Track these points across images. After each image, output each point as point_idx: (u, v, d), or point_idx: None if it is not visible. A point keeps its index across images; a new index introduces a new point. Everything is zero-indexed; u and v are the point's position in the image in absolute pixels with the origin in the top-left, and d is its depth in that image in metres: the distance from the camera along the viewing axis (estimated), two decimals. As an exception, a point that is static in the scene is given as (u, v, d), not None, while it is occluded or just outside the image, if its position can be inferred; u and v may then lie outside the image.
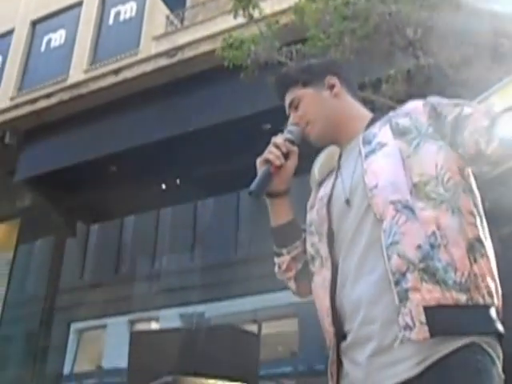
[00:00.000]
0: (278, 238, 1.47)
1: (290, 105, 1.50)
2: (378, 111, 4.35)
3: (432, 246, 1.18)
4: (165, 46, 7.43)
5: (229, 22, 5.84)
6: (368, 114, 1.49)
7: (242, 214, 8.14)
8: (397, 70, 4.61)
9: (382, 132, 1.35)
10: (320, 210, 1.40)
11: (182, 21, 8.02)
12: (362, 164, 1.32)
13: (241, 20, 5.31)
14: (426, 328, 1.13)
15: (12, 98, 9.38)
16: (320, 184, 1.51)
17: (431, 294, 1.15)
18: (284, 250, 1.46)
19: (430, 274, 1.16)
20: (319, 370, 6.53)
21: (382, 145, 1.32)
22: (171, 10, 8.03)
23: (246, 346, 4.82)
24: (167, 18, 8.14)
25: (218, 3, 7.28)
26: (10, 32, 10.17)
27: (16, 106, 8.71)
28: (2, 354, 8.51)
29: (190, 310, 7.79)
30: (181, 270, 8.02)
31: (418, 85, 4.55)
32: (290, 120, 1.49)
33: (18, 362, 8.41)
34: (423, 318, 1.13)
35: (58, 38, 9.73)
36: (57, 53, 9.58)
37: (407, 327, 1.14)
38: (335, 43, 4.70)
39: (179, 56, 6.91)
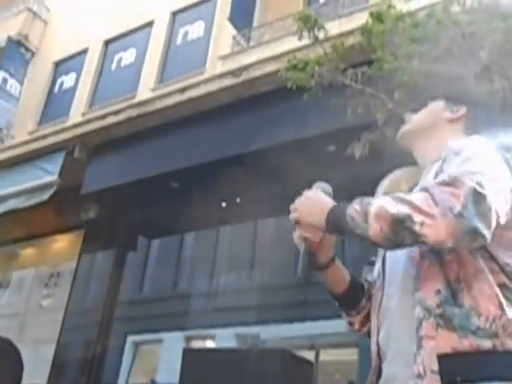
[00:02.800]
0: (343, 305, 1.49)
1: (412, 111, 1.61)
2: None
3: (453, 291, 1.17)
4: (230, 65, 7.57)
5: (294, 42, 5.87)
6: None
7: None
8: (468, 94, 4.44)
9: (426, 179, 1.37)
10: None
11: (248, 41, 8.15)
12: None
13: (306, 41, 5.32)
14: (437, 377, 1.10)
15: (83, 114, 9.84)
16: None
17: (446, 340, 1.12)
18: (353, 312, 1.48)
19: (446, 319, 1.14)
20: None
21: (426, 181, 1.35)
22: (238, 30, 8.19)
23: (299, 373, 4.76)
24: (234, 38, 8.30)
25: (284, 23, 7.35)
26: (84, 51, 10.72)
27: (86, 122, 9.13)
28: (60, 361, 8.76)
29: (245, 330, 7.81)
30: (238, 289, 8.07)
31: (491, 109, 4.38)
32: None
33: (75, 370, 8.64)
34: (435, 367, 1.11)
35: (128, 56, 10.14)
36: (127, 71, 9.98)
37: (419, 376, 1.13)
38: (402, 66, 4.60)
39: (244, 76, 7.01)
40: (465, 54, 4.42)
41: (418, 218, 1.11)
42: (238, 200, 7.99)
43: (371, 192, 4.30)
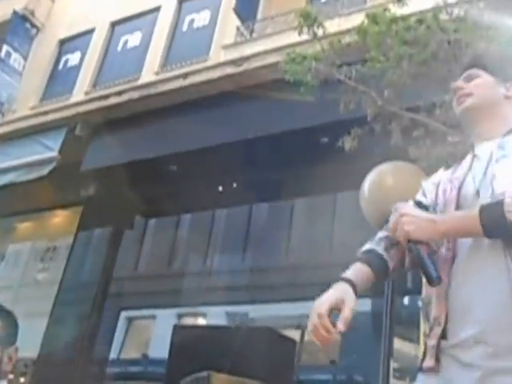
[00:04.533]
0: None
1: (466, 76, 1.64)
2: (432, 135, 4.66)
3: None
4: (233, 55, 7.99)
5: (295, 37, 6.25)
6: None
7: (295, 221, 8.55)
8: (451, 96, 4.88)
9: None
10: (450, 192, 1.51)
11: (251, 32, 8.55)
12: (493, 167, 1.42)
13: (305, 36, 5.73)
14: None
15: (86, 93, 10.19)
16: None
17: None
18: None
19: None
20: (358, 380, 6.79)
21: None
22: (242, 21, 8.59)
23: (283, 351, 5.02)
24: (238, 28, 8.69)
25: (286, 18, 7.76)
26: (90, 31, 11.01)
27: (89, 101, 9.48)
28: (52, 335, 9.00)
29: (235, 309, 8.24)
30: (231, 269, 8.50)
31: None
32: (456, 85, 1.64)
33: (67, 344, 8.85)
34: None
35: (134, 39, 10.46)
36: (132, 53, 10.31)
37: None
38: (393, 66, 5.03)
39: (245, 66, 7.43)
40: (450, 59, 4.86)
41: None
42: (234, 185, 8.43)
43: (359, 183, 4.76)
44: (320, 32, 5.47)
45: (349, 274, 1.50)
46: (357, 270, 1.51)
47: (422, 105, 4.94)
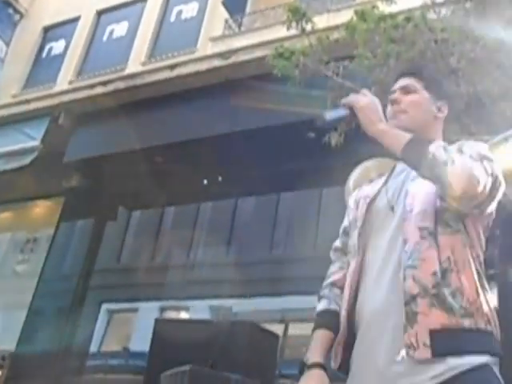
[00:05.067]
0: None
1: (404, 87, 1.66)
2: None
3: (445, 271, 1.34)
4: (220, 47, 8.03)
5: (284, 31, 6.30)
6: None
7: (280, 215, 8.62)
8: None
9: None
10: (361, 207, 1.61)
11: (239, 26, 8.60)
12: (408, 185, 1.51)
13: (294, 31, 5.79)
14: (428, 350, 1.28)
15: (70, 82, 10.13)
16: (359, 187, 1.75)
17: (438, 319, 1.30)
18: None
19: (440, 300, 1.32)
20: (339, 375, 6.89)
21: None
22: (230, 14, 8.63)
23: (266, 345, 5.01)
24: (226, 21, 8.74)
25: (275, 12, 7.82)
26: (76, 19, 10.94)
27: (73, 90, 9.44)
28: (31, 327, 8.94)
29: (219, 303, 8.29)
30: (215, 263, 8.52)
31: (456, 110, 4.92)
32: (393, 97, 1.64)
33: (46, 337, 8.82)
34: (428, 341, 1.29)
35: (120, 29, 10.43)
36: (118, 43, 10.28)
37: (411, 346, 1.30)
38: (381, 64, 5.12)
39: (233, 59, 7.47)
40: (437, 58, 4.97)
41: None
42: (219, 178, 8.48)
43: (345, 178, 4.82)
44: (308, 27, 5.53)
45: (316, 353, 1.56)
46: (321, 343, 1.58)
47: None
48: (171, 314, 8.93)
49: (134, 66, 9.38)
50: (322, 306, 1.67)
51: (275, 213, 8.62)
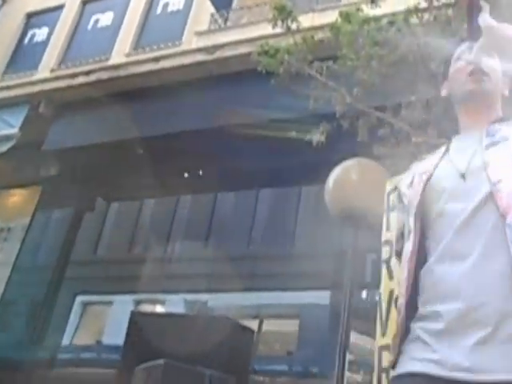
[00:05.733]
0: None
1: (482, 49, 1.46)
2: (396, 135, 4.90)
3: None
4: (205, 42, 8.12)
5: (269, 28, 6.41)
6: None
7: (259, 212, 8.74)
8: (417, 98, 5.13)
9: (507, 128, 1.40)
10: (416, 185, 1.44)
11: (225, 21, 8.69)
12: (483, 154, 1.34)
13: (280, 29, 5.91)
14: None
15: (52, 70, 10.11)
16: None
17: None
18: None
19: None
20: (313, 371, 7.03)
21: (505, 138, 1.36)
22: (217, 9, 8.72)
23: (241, 341, 5.12)
24: (212, 16, 8.82)
25: (262, 9, 7.93)
26: (60, 7, 10.92)
27: (55, 78, 9.43)
28: (2, 318, 8.96)
29: (194, 297, 8.35)
30: (192, 257, 8.58)
31: (435, 114, 5.07)
32: (475, 56, 1.46)
33: (18, 327, 8.85)
34: None
35: (105, 19, 10.45)
36: (102, 33, 10.30)
37: None
38: (363, 65, 5.26)
39: (218, 54, 7.57)
40: (418, 62, 5.12)
41: None
42: (200, 172, 8.56)
43: (324, 177, 4.97)
44: (294, 26, 5.65)
45: None
46: None
47: (389, 105, 5.18)
48: (146, 308, 8.98)
49: (117, 56, 9.42)
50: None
51: (254, 209, 8.73)
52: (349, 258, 4.64)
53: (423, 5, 5.35)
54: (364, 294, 6.70)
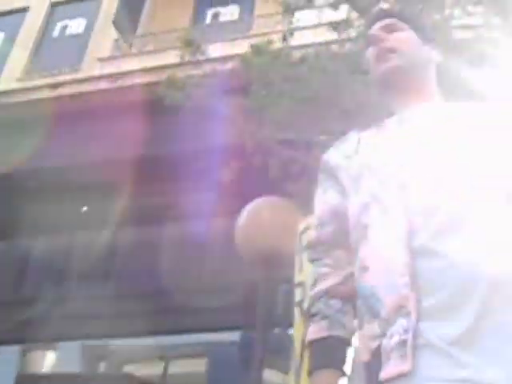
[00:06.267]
0: None
1: (386, 26, 1.36)
2: (309, 172, 4.77)
3: None
4: (108, 69, 7.77)
5: (176, 57, 6.25)
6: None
7: (164, 246, 8.41)
8: (329, 136, 5.08)
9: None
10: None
11: (130, 47, 8.39)
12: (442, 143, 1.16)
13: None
14: None
15: None
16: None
17: None
18: None
19: None
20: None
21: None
22: (121, 34, 8.41)
23: None
24: (116, 41, 8.49)
25: (168, 36, 7.71)
26: None
27: None
28: None
29: (94, 342, 7.84)
30: (90, 297, 8.06)
31: None
32: (375, 34, 1.35)
33: None
34: None
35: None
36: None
37: None
38: (275, 102, 5.16)
39: (120, 82, 7.25)
40: (330, 100, 5.11)
41: None
42: (100, 205, 8.12)
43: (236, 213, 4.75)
44: (202, 57, 5.51)
45: None
46: None
47: (302, 142, 5.11)
48: (36, 355, 8.27)
49: (8, 81, 8.81)
50: (318, 330, 1.20)
51: (159, 244, 8.41)
52: (260, 295, 4.54)
53: (333, 37, 5.37)
54: (276, 329, 6.59)
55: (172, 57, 6.69)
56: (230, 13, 8.42)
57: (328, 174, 1.35)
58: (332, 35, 5.30)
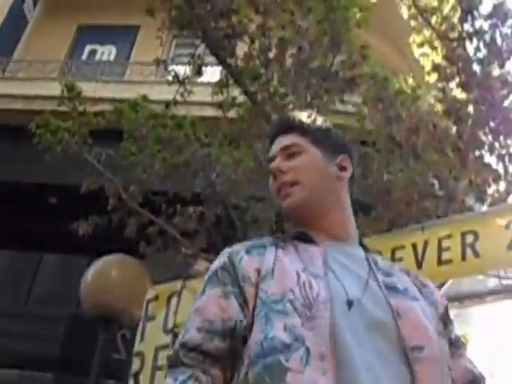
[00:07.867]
0: None
1: (284, 148, 1.31)
2: (170, 241, 4.85)
3: None
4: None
5: (49, 89, 6.14)
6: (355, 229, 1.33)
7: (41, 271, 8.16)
8: (194, 207, 5.24)
9: (404, 280, 1.24)
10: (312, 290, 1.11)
11: (3, 71, 8.05)
12: (386, 296, 1.14)
13: (58, 91, 5.57)
14: None
15: None
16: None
17: None
18: None
19: None
20: None
21: (414, 298, 1.19)
22: (-5, 56, 8.00)
23: None
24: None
25: (44, 67, 7.54)
26: None
27: None
28: None
29: None
30: None
31: (207, 225, 5.25)
32: (275, 166, 1.30)
33: None
34: None
35: None
36: None
37: None
38: (145, 163, 5.27)
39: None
40: (199, 171, 5.27)
41: None
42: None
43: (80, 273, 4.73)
44: (80, 108, 5.49)
45: None
46: None
47: (164, 209, 5.13)
48: None
49: None
50: None
51: (36, 269, 8.20)
52: (98, 350, 4.59)
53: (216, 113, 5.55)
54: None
55: (44, 87, 6.58)
56: (107, 52, 8.39)
57: (232, 279, 1.19)
58: (216, 112, 5.41)
